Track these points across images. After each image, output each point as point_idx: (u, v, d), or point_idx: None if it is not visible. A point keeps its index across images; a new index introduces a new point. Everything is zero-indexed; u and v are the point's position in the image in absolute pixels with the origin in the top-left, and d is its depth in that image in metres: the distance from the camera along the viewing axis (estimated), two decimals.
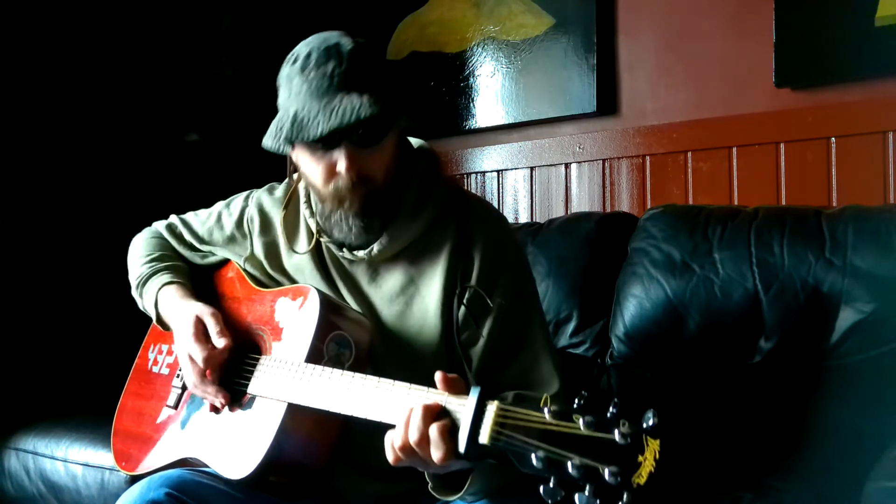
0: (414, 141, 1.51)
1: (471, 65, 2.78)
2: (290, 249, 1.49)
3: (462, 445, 1.03)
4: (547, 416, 0.96)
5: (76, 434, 2.14)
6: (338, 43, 1.32)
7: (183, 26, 2.89)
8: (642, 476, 0.90)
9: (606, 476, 0.89)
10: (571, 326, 2.05)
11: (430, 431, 1.07)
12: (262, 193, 1.59)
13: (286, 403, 1.28)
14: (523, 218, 2.66)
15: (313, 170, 1.35)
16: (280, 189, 1.58)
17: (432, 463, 1.08)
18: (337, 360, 1.31)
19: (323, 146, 1.32)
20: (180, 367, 1.50)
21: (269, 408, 1.32)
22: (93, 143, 2.67)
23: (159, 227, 1.68)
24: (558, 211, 2.57)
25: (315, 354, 1.31)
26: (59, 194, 2.60)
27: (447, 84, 2.84)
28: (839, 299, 1.71)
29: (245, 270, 1.55)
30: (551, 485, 0.92)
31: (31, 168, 2.55)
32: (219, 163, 2.92)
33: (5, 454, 2.25)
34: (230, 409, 1.39)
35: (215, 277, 1.60)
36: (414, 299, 1.41)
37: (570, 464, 0.91)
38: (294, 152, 1.39)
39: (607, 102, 2.48)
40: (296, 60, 1.33)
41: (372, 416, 1.17)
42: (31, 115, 2.55)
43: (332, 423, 1.30)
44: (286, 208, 1.52)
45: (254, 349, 1.43)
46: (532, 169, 2.65)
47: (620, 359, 1.96)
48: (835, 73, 2.09)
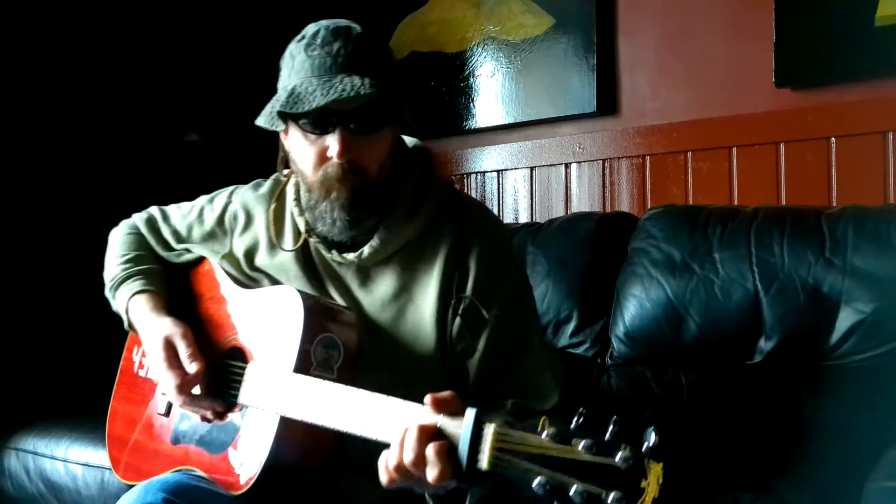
0: (409, 140, 1.47)
1: (471, 65, 2.78)
2: (275, 247, 1.44)
3: (462, 471, 1.01)
4: (546, 439, 0.93)
5: (76, 434, 2.13)
6: (348, 26, 1.31)
7: (183, 26, 2.89)
8: (646, 502, 0.88)
9: (610, 503, 0.88)
10: (571, 326, 2.05)
11: (427, 451, 1.03)
12: (247, 190, 1.54)
13: (279, 416, 1.25)
14: (523, 218, 2.66)
15: (304, 154, 1.31)
16: (266, 185, 1.53)
17: (428, 483, 1.05)
18: (326, 364, 1.28)
19: (317, 128, 1.28)
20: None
21: (262, 418, 1.28)
22: (93, 143, 2.67)
23: (137, 221, 1.62)
24: (558, 211, 2.57)
25: (303, 360, 1.26)
26: (60, 194, 2.60)
27: (447, 84, 2.83)
28: (839, 299, 1.71)
29: (223, 269, 1.50)
30: None
31: (31, 168, 2.55)
32: (219, 163, 2.91)
33: (5, 454, 2.25)
34: (221, 419, 1.36)
35: (194, 276, 1.55)
36: (408, 307, 1.36)
37: (572, 490, 0.90)
38: (286, 137, 1.36)
39: (607, 102, 2.48)
40: (302, 38, 1.32)
41: (366, 434, 1.13)
42: (31, 115, 2.55)
43: (327, 430, 1.28)
44: (275, 202, 1.47)
45: (237, 353, 1.39)
46: (532, 169, 2.64)
47: (620, 359, 1.96)
48: (835, 73, 2.09)
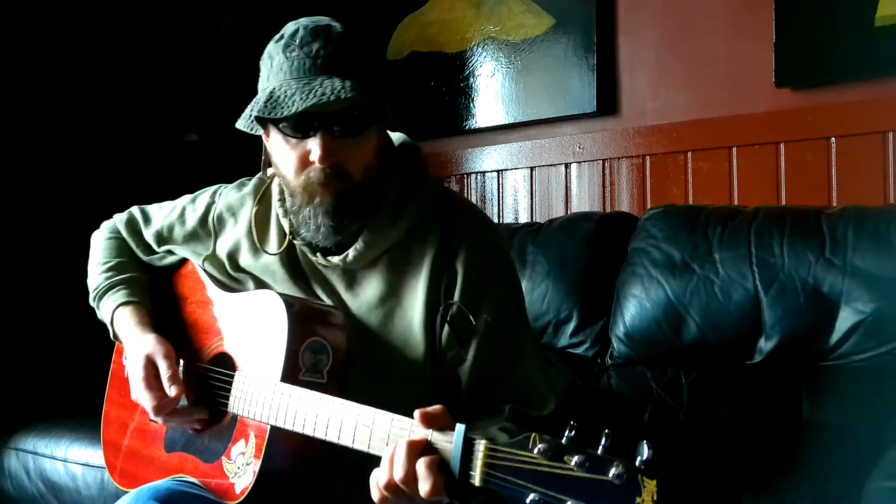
0: (395, 136, 1.42)
1: (471, 65, 2.78)
2: (259, 249, 1.40)
3: (454, 486, 0.99)
4: (537, 455, 0.92)
5: (76, 434, 2.13)
6: (328, 25, 1.26)
7: (183, 26, 2.89)
8: None
9: None
10: (571, 326, 2.05)
11: (418, 466, 1.01)
12: (231, 189, 1.50)
13: (269, 426, 1.23)
14: (523, 218, 2.66)
15: (286, 158, 1.27)
16: (250, 185, 1.48)
17: (420, 500, 1.03)
18: (315, 368, 1.26)
19: (298, 132, 1.24)
20: None
21: (254, 426, 1.27)
22: (93, 143, 2.67)
23: (118, 223, 1.58)
24: (558, 211, 2.57)
25: (291, 367, 1.24)
26: (60, 194, 2.60)
27: (447, 84, 2.83)
28: (839, 299, 1.71)
29: (204, 271, 1.47)
30: None
31: (32, 169, 2.55)
32: (218, 163, 2.91)
33: (5, 454, 2.25)
34: (212, 428, 1.35)
35: (178, 278, 1.53)
36: (395, 311, 1.33)
37: None
38: (268, 139, 1.32)
39: (607, 102, 2.48)
40: (280, 38, 1.27)
41: (356, 446, 1.12)
42: (31, 115, 2.55)
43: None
44: (258, 204, 1.42)
45: (224, 360, 1.38)
46: (532, 169, 2.64)
47: (620, 359, 1.96)
48: (835, 73, 2.09)
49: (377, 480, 1.06)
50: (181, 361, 1.44)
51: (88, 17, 2.65)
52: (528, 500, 0.91)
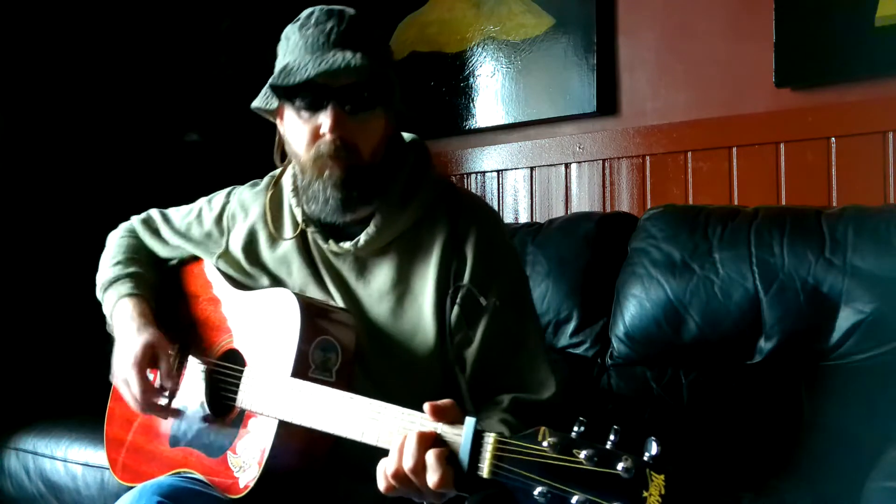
0: (406, 135, 1.48)
1: (471, 65, 2.78)
2: (273, 238, 1.44)
3: (462, 478, 1.01)
4: (546, 448, 0.93)
5: (76, 434, 2.13)
6: (342, 9, 1.34)
7: (183, 27, 2.89)
8: None
9: None
10: (571, 326, 2.05)
11: (427, 457, 1.03)
12: (245, 188, 1.56)
13: (277, 420, 1.25)
14: (523, 218, 2.66)
15: (298, 133, 1.32)
16: (263, 182, 1.54)
17: (427, 491, 1.04)
18: (324, 367, 1.27)
19: (309, 107, 1.29)
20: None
21: (261, 421, 1.28)
22: (93, 143, 2.67)
23: (135, 223, 1.62)
24: (558, 211, 2.57)
25: (301, 364, 1.26)
26: (60, 195, 2.60)
27: (447, 84, 2.83)
28: (839, 299, 1.71)
29: (219, 269, 1.50)
30: None
31: (31, 169, 2.55)
32: (219, 163, 2.91)
33: (5, 454, 2.25)
34: (218, 423, 1.36)
35: (191, 276, 1.55)
36: (406, 298, 1.36)
37: (573, 499, 0.90)
38: (282, 122, 1.37)
39: (607, 102, 2.48)
40: (297, 20, 1.35)
41: (364, 440, 1.13)
42: (31, 115, 2.55)
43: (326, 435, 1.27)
44: (272, 190, 1.48)
45: (234, 356, 1.39)
46: (532, 169, 2.65)
47: (620, 359, 1.96)
48: (835, 73, 2.09)
49: (385, 469, 1.08)
50: (183, 357, 1.46)
51: (88, 16, 2.65)
52: (535, 493, 0.92)
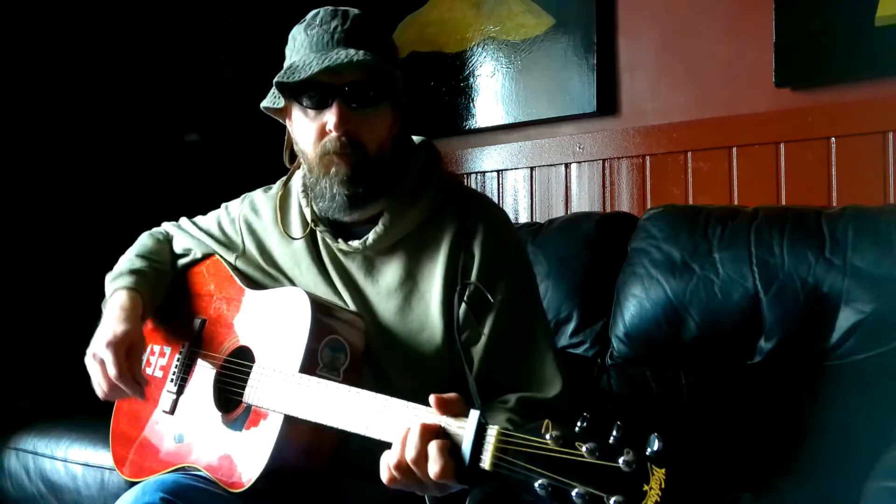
0: (416, 138, 1.50)
1: (471, 65, 2.78)
2: (284, 237, 1.47)
3: (464, 470, 1.01)
4: (549, 441, 0.94)
5: (76, 434, 2.13)
6: (346, 9, 1.37)
7: (183, 26, 2.89)
8: None
9: None
10: (571, 326, 2.05)
11: (430, 448, 1.03)
12: (257, 192, 1.60)
13: (283, 415, 1.26)
14: (523, 218, 2.66)
15: (305, 131, 1.35)
16: (275, 186, 1.57)
17: (429, 482, 1.05)
18: (332, 366, 1.29)
19: (315, 105, 1.32)
20: (173, 369, 1.49)
21: (266, 417, 1.29)
22: (93, 143, 2.67)
23: (167, 224, 1.68)
24: (558, 211, 2.57)
25: (310, 362, 1.28)
26: (61, 195, 2.60)
27: (447, 84, 2.83)
28: (839, 299, 1.71)
29: (236, 269, 1.53)
30: None
31: (32, 169, 2.55)
32: (219, 163, 2.91)
33: (5, 454, 2.25)
34: (225, 418, 1.37)
35: (205, 276, 1.58)
36: (413, 295, 1.37)
37: (573, 492, 0.90)
38: (290, 121, 1.40)
39: (607, 102, 2.48)
40: (303, 21, 1.37)
41: (369, 433, 1.14)
42: (31, 115, 2.55)
43: (330, 430, 1.28)
44: (282, 190, 1.52)
45: (244, 353, 1.41)
46: (532, 169, 2.65)
47: (620, 359, 1.96)
48: (835, 73, 2.09)
49: (388, 460, 1.09)
50: (192, 353, 1.49)
51: (88, 16, 2.65)
52: (536, 485, 0.93)
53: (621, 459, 0.89)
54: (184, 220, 1.67)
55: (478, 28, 2.75)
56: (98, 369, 1.38)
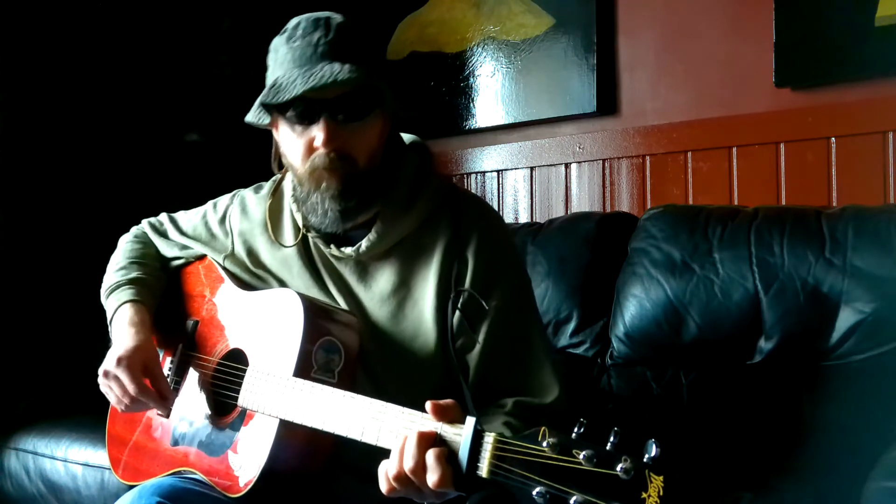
0: (406, 137, 1.47)
1: (471, 65, 2.78)
2: (275, 243, 1.45)
3: (461, 478, 1.01)
4: (546, 449, 0.93)
5: (76, 434, 2.13)
6: (328, 17, 1.31)
7: (183, 26, 2.89)
8: None
9: None
10: (571, 326, 2.05)
11: (427, 457, 1.03)
12: (248, 191, 1.56)
13: (278, 419, 1.25)
14: (523, 218, 2.66)
15: (293, 147, 1.31)
16: (266, 186, 1.54)
17: (428, 490, 1.04)
18: (327, 368, 1.28)
19: (302, 119, 1.28)
20: (167, 372, 1.47)
21: (262, 421, 1.28)
22: (93, 143, 2.67)
23: (146, 226, 1.64)
24: (558, 211, 2.57)
25: (304, 364, 1.26)
26: (60, 194, 2.60)
27: (447, 84, 2.83)
28: (839, 299, 1.71)
29: (226, 269, 1.51)
30: None
31: (31, 169, 2.55)
32: (219, 163, 2.91)
33: (5, 454, 2.25)
34: (220, 422, 1.36)
35: (196, 277, 1.56)
36: (406, 302, 1.36)
37: (572, 500, 0.90)
38: (277, 132, 1.36)
39: (607, 102, 2.48)
40: (284, 32, 1.32)
41: (365, 439, 1.14)
42: (32, 115, 2.55)
43: (327, 434, 1.28)
44: (272, 197, 1.48)
45: (238, 355, 1.39)
46: (532, 169, 2.64)
47: (620, 359, 1.96)
48: (835, 73, 2.09)
49: (386, 471, 1.08)
50: (186, 357, 1.47)
51: (88, 17, 2.65)
52: (534, 493, 0.92)
53: (619, 467, 0.89)
54: (166, 223, 1.61)
55: (478, 28, 2.75)
56: (115, 387, 1.37)
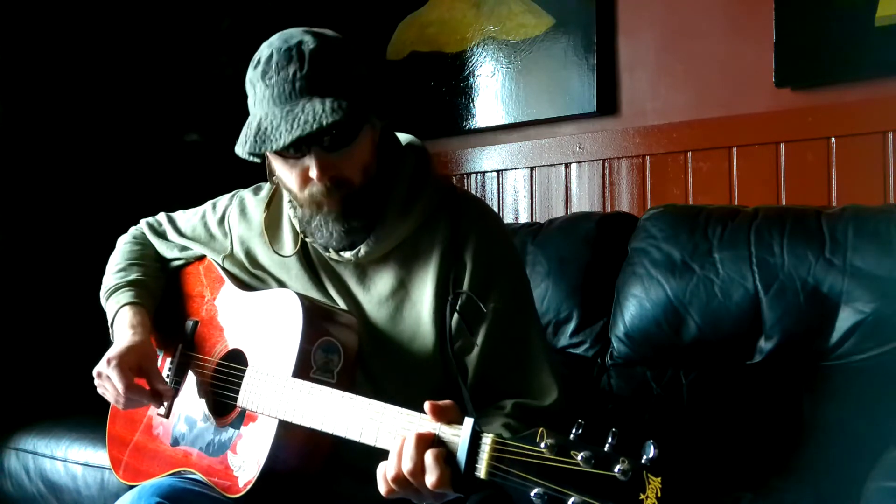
0: (403, 137, 1.46)
1: (471, 65, 2.78)
2: (273, 250, 1.45)
3: (459, 479, 1.01)
4: (544, 450, 0.93)
5: (76, 434, 2.13)
6: (300, 42, 1.26)
7: (183, 26, 2.89)
8: None
9: None
10: (571, 326, 2.05)
11: (426, 458, 1.03)
12: (247, 193, 1.56)
13: (277, 420, 1.25)
14: (523, 218, 2.66)
15: (287, 176, 1.32)
16: (266, 188, 1.54)
17: (426, 492, 1.05)
18: (326, 368, 1.28)
19: (292, 153, 1.27)
20: (167, 373, 1.48)
21: (261, 421, 1.28)
22: (93, 143, 2.67)
23: (144, 227, 1.65)
24: (558, 211, 2.57)
25: (303, 364, 1.26)
26: (60, 195, 2.60)
27: (447, 84, 2.83)
28: (839, 299, 1.71)
29: (225, 270, 1.51)
30: None
31: (31, 169, 2.55)
32: (219, 163, 2.91)
33: (5, 454, 2.25)
34: (220, 422, 1.37)
35: (196, 277, 1.56)
36: (405, 304, 1.36)
37: (570, 501, 0.90)
38: (269, 157, 1.35)
39: (607, 102, 2.48)
40: (258, 64, 1.28)
41: (363, 440, 1.14)
42: (32, 115, 2.55)
43: (325, 434, 1.28)
44: (268, 208, 1.47)
45: (237, 356, 1.40)
46: (532, 169, 2.65)
47: (620, 359, 1.96)
48: (835, 73, 2.09)
49: (385, 473, 1.08)
50: (185, 357, 1.47)
51: (89, 16, 2.65)
52: (532, 494, 0.92)
53: (617, 468, 0.89)
54: (165, 223, 1.62)
55: (478, 28, 2.75)
56: (108, 386, 1.38)
